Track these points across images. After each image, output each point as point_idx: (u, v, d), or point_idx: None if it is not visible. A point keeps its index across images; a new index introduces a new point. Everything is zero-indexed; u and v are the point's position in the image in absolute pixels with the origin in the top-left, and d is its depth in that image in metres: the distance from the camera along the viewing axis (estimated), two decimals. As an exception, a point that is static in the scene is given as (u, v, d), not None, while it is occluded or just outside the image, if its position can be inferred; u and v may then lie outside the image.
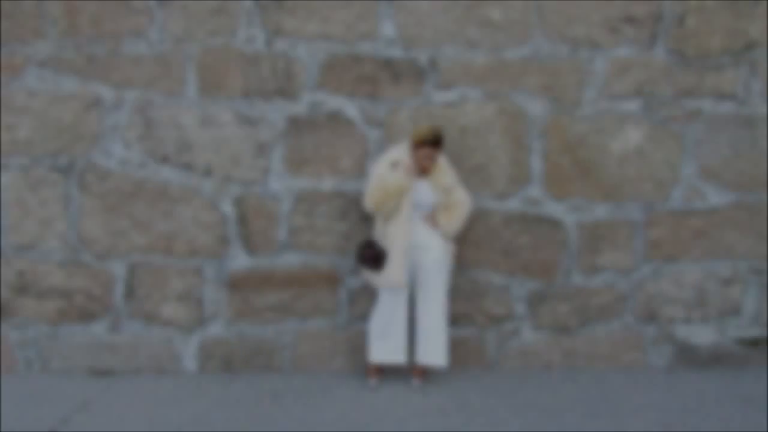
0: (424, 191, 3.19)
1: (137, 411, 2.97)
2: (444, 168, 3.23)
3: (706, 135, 3.44)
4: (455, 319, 3.46)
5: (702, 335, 3.56)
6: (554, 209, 3.48)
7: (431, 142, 3.09)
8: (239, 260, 3.46)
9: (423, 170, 3.15)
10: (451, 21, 3.34)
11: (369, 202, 3.15)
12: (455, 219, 3.23)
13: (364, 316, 3.48)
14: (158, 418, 2.91)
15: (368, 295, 3.48)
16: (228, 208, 3.43)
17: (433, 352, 3.26)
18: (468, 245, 3.40)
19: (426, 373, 3.35)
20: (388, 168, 3.10)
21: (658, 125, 3.42)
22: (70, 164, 3.38)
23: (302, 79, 3.36)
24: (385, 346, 3.27)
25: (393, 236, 3.12)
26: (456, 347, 3.43)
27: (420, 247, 3.18)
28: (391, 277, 3.11)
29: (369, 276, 3.23)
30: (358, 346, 3.50)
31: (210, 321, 3.49)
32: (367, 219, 3.39)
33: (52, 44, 3.32)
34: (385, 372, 3.40)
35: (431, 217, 3.21)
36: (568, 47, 3.37)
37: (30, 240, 3.41)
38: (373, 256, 3.13)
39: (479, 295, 3.50)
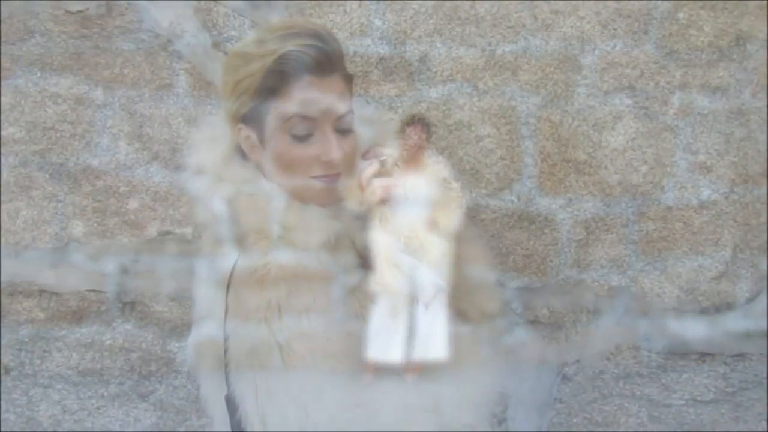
0: (421, 186, 3.15)
1: (131, 412, 2.97)
2: (439, 160, 3.21)
3: (699, 129, 3.44)
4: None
5: (695, 329, 3.58)
6: (547, 205, 3.48)
7: (415, 120, 3.09)
8: (232, 259, 3.44)
9: (417, 147, 3.12)
10: (442, 17, 3.32)
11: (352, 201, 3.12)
12: (453, 214, 3.20)
13: (357, 314, 3.48)
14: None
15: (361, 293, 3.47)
16: (220, 206, 3.41)
17: (434, 347, 3.26)
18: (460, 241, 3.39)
19: (421, 370, 3.35)
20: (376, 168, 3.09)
21: (651, 120, 3.43)
22: (58, 164, 3.36)
23: (292, 77, 3.34)
24: (382, 346, 3.25)
25: (378, 238, 3.10)
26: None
27: (420, 247, 3.15)
28: (383, 282, 3.09)
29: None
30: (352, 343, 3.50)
31: (203, 320, 3.48)
32: (360, 217, 3.38)
33: (40, 43, 3.29)
34: (379, 368, 3.40)
35: (430, 220, 3.19)
36: (559, 42, 3.36)
37: (19, 241, 3.40)
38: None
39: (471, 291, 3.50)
